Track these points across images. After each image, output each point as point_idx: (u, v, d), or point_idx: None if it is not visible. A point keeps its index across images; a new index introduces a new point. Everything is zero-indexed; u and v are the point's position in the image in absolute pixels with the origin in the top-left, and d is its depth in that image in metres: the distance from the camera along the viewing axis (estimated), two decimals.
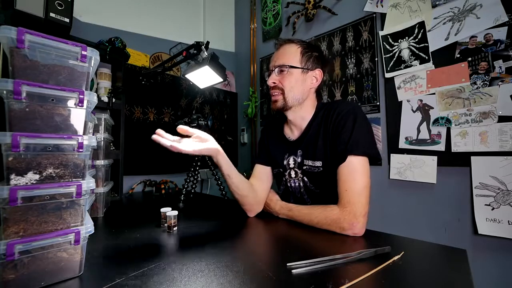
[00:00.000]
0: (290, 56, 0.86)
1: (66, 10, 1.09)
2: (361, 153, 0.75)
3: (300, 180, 0.90)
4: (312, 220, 0.76)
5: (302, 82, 0.86)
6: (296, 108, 0.88)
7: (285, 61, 0.86)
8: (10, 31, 0.43)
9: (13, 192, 0.41)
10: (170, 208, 0.83)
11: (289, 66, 0.85)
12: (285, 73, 0.86)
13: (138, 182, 1.66)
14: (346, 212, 0.71)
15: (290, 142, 0.93)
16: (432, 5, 1.31)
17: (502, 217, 1.10)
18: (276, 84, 0.87)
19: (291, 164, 0.91)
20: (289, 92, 0.86)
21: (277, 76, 0.87)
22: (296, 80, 0.86)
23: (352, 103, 0.85)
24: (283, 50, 0.88)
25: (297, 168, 0.90)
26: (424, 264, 0.55)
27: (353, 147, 0.75)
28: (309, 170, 0.86)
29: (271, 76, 0.88)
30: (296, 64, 0.86)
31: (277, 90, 0.88)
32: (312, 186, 0.87)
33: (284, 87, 0.86)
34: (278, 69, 0.87)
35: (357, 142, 0.75)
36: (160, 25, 1.96)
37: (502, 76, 1.12)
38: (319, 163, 0.84)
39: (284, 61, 0.86)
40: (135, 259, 0.56)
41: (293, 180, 0.92)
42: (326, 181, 0.83)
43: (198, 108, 2.13)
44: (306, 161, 0.87)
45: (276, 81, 0.87)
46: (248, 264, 0.53)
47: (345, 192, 0.73)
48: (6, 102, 0.43)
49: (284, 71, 0.86)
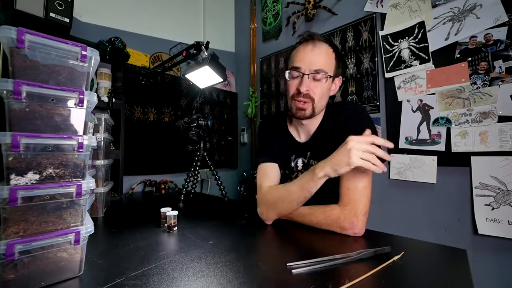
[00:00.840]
0: (328, 62, 0.77)
1: (66, 10, 1.09)
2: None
3: None
4: (312, 221, 0.76)
5: (328, 90, 0.81)
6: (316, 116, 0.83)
7: (324, 68, 0.76)
8: (10, 31, 0.43)
9: (13, 192, 0.41)
10: (170, 208, 0.83)
11: (329, 76, 0.77)
12: (321, 82, 0.77)
13: (138, 182, 1.66)
14: (347, 211, 0.71)
15: (299, 144, 0.89)
16: (432, 5, 1.31)
17: (502, 217, 1.10)
18: (309, 92, 0.77)
19: (299, 166, 0.88)
20: (318, 101, 0.79)
21: (311, 82, 0.77)
22: (327, 89, 0.80)
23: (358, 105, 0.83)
24: (320, 52, 0.77)
25: (304, 169, 0.88)
26: (424, 264, 0.55)
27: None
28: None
29: (304, 82, 0.76)
30: (332, 73, 0.78)
31: (307, 98, 0.78)
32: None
33: (315, 95, 0.77)
34: (313, 75, 0.76)
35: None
36: (160, 25, 1.96)
37: (502, 76, 1.12)
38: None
39: (324, 67, 0.76)
40: (135, 259, 0.56)
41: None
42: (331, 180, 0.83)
43: (198, 108, 2.13)
44: (312, 161, 0.86)
45: (309, 88, 0.77)
46: (248, 264, 0.53)
47: (346, 190, 0.73)
48: (6, 102, 0.43)
49: (320, 80, 0.77)
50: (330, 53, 0.79)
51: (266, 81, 2.22)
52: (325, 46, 0.78)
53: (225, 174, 2.30)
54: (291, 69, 0.80)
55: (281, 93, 2.08)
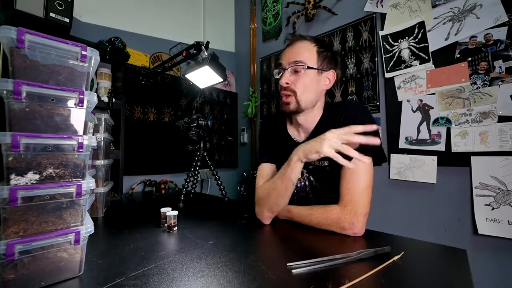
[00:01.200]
0: (306, 55, 0.80)
1: (66, 10, 1.09)
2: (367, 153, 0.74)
3: (305, 180, 0.88)
4: (312, 221, 0.76)
5: (316, 83, 0.82)
6: (308, 110, 0.84)
7: (301, 59, 0.79)
8: (10, 31, 0.43)
9: (13, 192, 0.41)
10: (170, 208, 0.83)
11: (306, 66, 0.79)
12: (300, 73, 0.80)
13: (138, 182, 1.66)
14: (347, 211, 0.71)
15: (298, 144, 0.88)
16: (432, 5, 1.31)
17: (502, 217, 1.10)
18: (289, 85, 0.81)
19: None
20: (302, 94, 0.80)
21: (291, 75, 0.81)
22: (311, 82, 0.81)
23: (359, 104, 0.83)
24: (298, 47, 0.82)
25: (303, 169, 0.86)
26: (424, 264, 0.55)
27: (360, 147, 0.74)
28: (316, 169, 0.85)
29: (284, 75, 0.80)
30: (312, 64, 0.80)
31: (289, 92, 0.82)
32: (318, 185, 0.86)
33: (297, 89, 0.80)
34: (293, 68, 0.80)
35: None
36: (160, 25, 1.96)
37: (502, 76, 1.12)
38: (325, 162, 0.83)
39: (301, 58, 0.79)
40: (135, 259, 0.56)
41: (298, 181, 0.88)
42: (332, 180, 0.82)
43: (198, 108, 2.13)
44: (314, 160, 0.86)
45: (289, 81, 0.81)
46: (248, 264, 0.53)
47: (347, 191, 0.73)
48: (6, 102, 0.43)
49: (299, 71, 0.80)
50: (310, 47, 0.82)
51: (266, 81, 2.22)
52: (304, 42, 0.83)
53: (225, 174, 2.30)
54: (276, 67, 0.86)
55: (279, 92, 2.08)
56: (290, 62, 0.81)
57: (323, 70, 0.82)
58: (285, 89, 0.82)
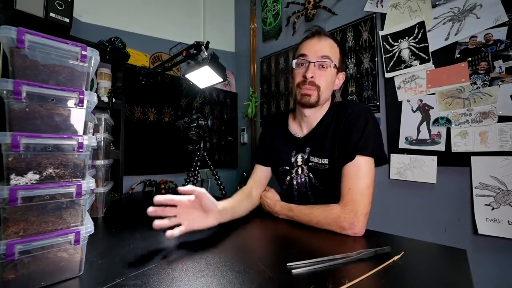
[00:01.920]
0: (333, 53, 0.81)
1: (66, 10, 1.09)
2: (368, 153, 0.75)
3: (305, 176, 0.89)
4: (311, 220, 0.76)
5: (332, 82, 0.84)
6: (318, 108, 0.86)
7: (330, 55, 0.80)
8: (10, 31, 0.43)
9: (13, 192, 0.41)
10: None
11: (334, 64, 0.80)
12: (326, 70, 0.80)
13: (138, 182, 1.66)
14: (347, 211, 0.70)
15: (298, 139, 0.91)
16: (432, 5, 1.31)
17: (502, 217, 1.10)
18: (313, 78, 0.80)
19: (299, 161, 0.90)
20: (324, 90, 0.82)
21: (317, 69, 0.80)
22: (331, 80, 0.83)
23: (363, 104, 0.85)
24: (326, 43, 0.82)
25: (304, 165, 0.89)
26: (424, 264, 0.55)
27: (362, 147, 0.75)
28: (315, 167, 0.85)
29: (310, 68, 0.79)
30: (336, 63, 0.82)
31: (313, 86, 0.81)
32: (317, 183, 0.87)
33: (321, 84, 0.81)
34: (320, 63, 0.80)
35: (366, 142, 0.75)
36: (160, 25, 1.96)
37: (502, 76, 1.12)
38: (325, 160, 0.83)
39: (330, 55, 0.80)
40: (135, 259, 0.56)
41: (299, 176, 0.90)
42: (331, 179, 0.83)
43: (198, 108, 2.13)
44: (312, 157, 0.86)
45: (314, 75, 0.80)
46: (248, 264, 0.53)
47: (348, 190, 0.73)
48: (6, 102, 0.43)
49: (325, 67, 0.80)
50: (335, 46, 0.84)
51: (266, 81, 2.22)
52: (330, 40, 0.84)
53: (225, 174, 2.30)
54: (298, 57, 0.84)
55: (281, 93, 2.08)
56: (318, 56, 0.80)
57: (340, 71, 0.86)
58: (309, 83, 0.81)
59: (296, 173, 0.91)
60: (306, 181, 0.89)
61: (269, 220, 0.88)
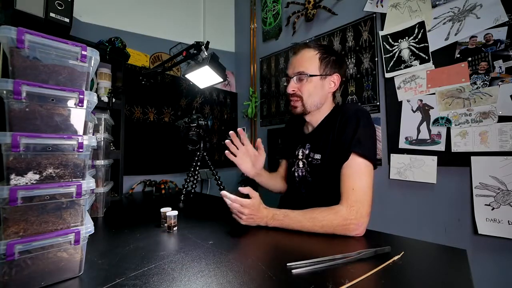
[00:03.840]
0: (309, 63, 0.87)
1: (66, 10, 1.09)
2: (363, 151, 0.76)
3: (304, 171, 0.94)
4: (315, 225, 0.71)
5: (321, 88, 0.89)
6: (314, 112, 0.92)
7: (304, 69, 0.87)
8: (10, 31, 0.43)
9: (13, 192, 0.41)
10: (170, 208, 0.83)
11: (308, 75, 0.86)
12: (304, 81, 0.87)
13: (138, 182, 1.66)
14: (354, 212, 0.70)
15: (304, 135, 1.00)
16: (432, 5, 1.31)
17: (502, 217, 1.10)
18: (295, 91, 0.89)
19: (299, 155, 0.96)
20: (307, 98, 0.88)
21: (296, 83, 0.89)
22: (315, 87, 0.88)
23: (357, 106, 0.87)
24: (301, 56, 0.89)
25: (304, 159, 0.95)
26: (424, 264, 0.55)
27: (356, 145, 0.76)
28: (311, 162, 0.91)
29: (290, 84, 0.89)
30: (314, 71, 0.87)
31: (296, 97, 0.90)
32: (309, 177, 0.92)
33: (303, 94, 0.88)
34: (297, 77, 0.88)
35: (359, 140, 0.77)
36: (160, 25, 1.96)
37: (502, 76, 1.12)
38: (318, 155, 0.88)
39: (303, 69, 0.87)
40: (135, 259, 0.56)
41: (300, 169, 0.96)
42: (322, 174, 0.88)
43: (198, 108, 2.13)
44: (312, 154, 0.92)
45: (295, 88, 0.89)
46: (248, 264, 0.53)
47: (351, 190, 0.73)
48: (6, 102, 0.43)
49: (303, 80, 0.87)
50: (312, 55, 0.88)
51: (266, 81, 2.21)
52: (306, 51, 0.89)
53: (225, 174, 2.30)
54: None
55: (281, 93, 2.08)
56: (294, 73, 0.89)
57: (327, 75, 0.88)
58: (292, 96, 0.91)
59: (297, 166, 0.97)
60: (303, 175, 0.95)
61: None
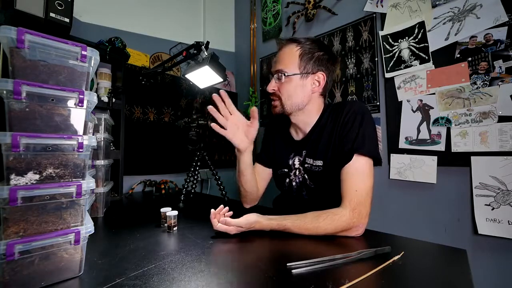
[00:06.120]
0: (287, 61, 0.83)
1: (66, 10, 1.09)
2: (366, 152, 0.74)
3: (301, 177, 0.90)
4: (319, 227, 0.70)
5: (301, 87, 0.83)
6: (297, 113, 0.86)
7: (283, 67, 0.83)
8: (10, 31, 0.43)
9: (13, 192, 0.41)
10: (170, 208, 0.83)
11: (285, 74, 0.82)
12: (282, 81, 0.83)
13: (138, 182, 1.66)
14: (356, 214, 0.70)
15: (296, 142, 0.93)
16: (432, 5, 1.31)
17: (502, 217, 1.10)
18: (274, 91, 0.86)
19: (296, 164, 0.91)
20: (286, 99, 0.84)
21: (276, 82, 0.85)
22: (295, 87, 0.82)
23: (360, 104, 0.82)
24: (281, 53, 0.85)
25: (300, 166, 0.90)
26: (424, 264, 0.55)
27: (360, 145, 0.75)
28: (309, 169, 0.86)
29: (270, 83, 0.86)
30: (293, 70, 0.82)
31: (275, 97, 0.87)
32: (312, 184, 0.87)
33: (281, 94, 0.84)
34: (276, 75, 0.85)
35: (363, 141, 0.75)
36: (160, 25, 1.96)
37: (502, 76, 1.12)
38: (319, 162, 0.83)
39: (282, 67, 0.83)
40: (135, 259, 0.56)
41: (297, 177, 0.91)
42: (325, 180, 0.84)
43: (198, 108, 2.13)
44: (308, 159, 0.87)
45: (275, 88, 0.85)
46: (248, 264, 0.53)
47: (354, 192, 0.72)
48: (6, 102, 0.43)
49: (281, 79, 0.83)
50: (292, 52, 0.82)
51: (266, 81, 2.21)
52: (287, 47, 0.84)
53: (225, 174, 2.30)
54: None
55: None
56: (273, 71, 0.86)
57: (308, 73, 0.82)
58: (271, 95, 0.88)
59: (294, 175, 0.92)
60: (302, 182, 0.90)
61: None
